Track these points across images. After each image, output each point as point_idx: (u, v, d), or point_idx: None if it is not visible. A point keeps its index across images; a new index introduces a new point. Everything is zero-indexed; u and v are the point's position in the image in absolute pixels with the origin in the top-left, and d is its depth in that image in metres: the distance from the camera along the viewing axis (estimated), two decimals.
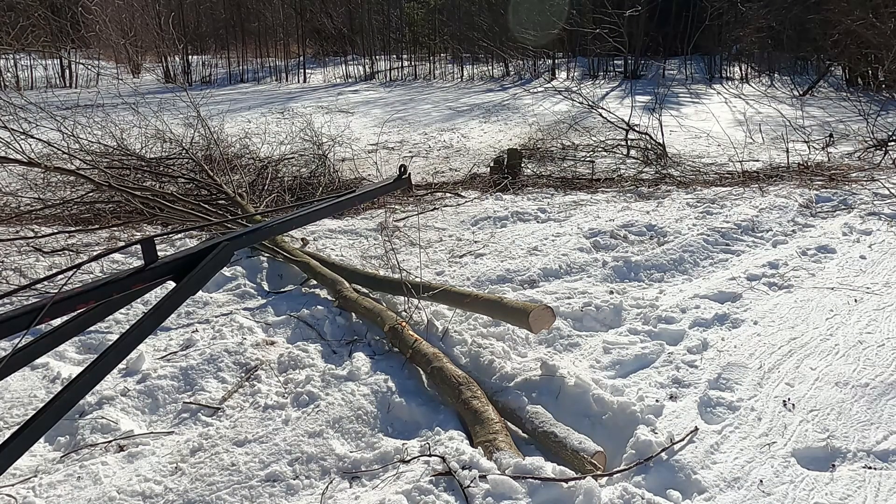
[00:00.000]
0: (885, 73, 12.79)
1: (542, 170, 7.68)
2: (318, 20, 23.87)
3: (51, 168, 4.54)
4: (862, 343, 3.35)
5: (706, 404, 2.87)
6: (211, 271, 2.12)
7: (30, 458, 2.66)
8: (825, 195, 6.16)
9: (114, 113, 7.69)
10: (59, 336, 1.85)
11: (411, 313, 3.73)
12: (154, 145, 7.03)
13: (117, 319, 3.75)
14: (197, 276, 2.07)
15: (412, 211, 6.05)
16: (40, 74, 17.62)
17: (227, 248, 2.18)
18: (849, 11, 12.28)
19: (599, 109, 9.30)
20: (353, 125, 10.87)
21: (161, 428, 2.88)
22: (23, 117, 5.55)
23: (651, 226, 5.31)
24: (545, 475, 2.33)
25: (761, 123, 10.44)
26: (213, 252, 2.12)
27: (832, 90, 14.46)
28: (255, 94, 16.17)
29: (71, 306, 1.80)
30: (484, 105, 13.65)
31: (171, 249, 4.87)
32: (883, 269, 4.37)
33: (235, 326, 3.67)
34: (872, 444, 2.60)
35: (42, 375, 3.18)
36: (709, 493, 2.35)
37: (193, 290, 2.09)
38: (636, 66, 17.63)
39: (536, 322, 3.16)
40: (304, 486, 2.47)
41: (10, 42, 12.34)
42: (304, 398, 2.96)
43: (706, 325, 3.62)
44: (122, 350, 1.94)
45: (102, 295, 1.86)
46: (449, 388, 2.92)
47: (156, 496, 2.41)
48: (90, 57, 19.27)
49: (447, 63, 20.70)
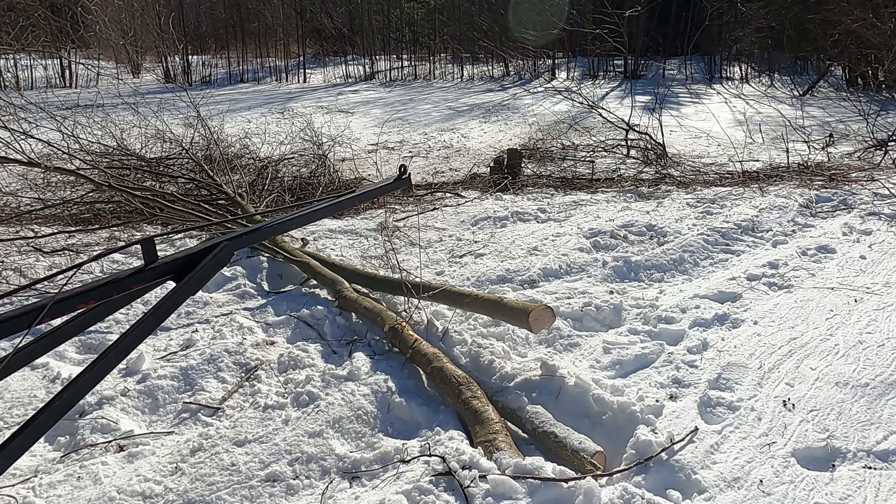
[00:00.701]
0: (885, 73, 12.79)
1: (542, 170, 7.68)
2: (318, 20, 23.87)
3: (51, 168, 4.54)
4: (862, 343, 3.35)
5: (706, 404, 2.87)
6: (211, 271, 2.12)
7: (30, 458, 2.66)
8: (825, 195, 6.16)
9: (114, 113, 7.69)
10: (59, 336, 1.85)
11: (411, 313, 3.73)
12: (154, 145, 7.03)
13: (117, 319, 3.75)
14: (197, 277, 2.06)
15: (412, 211, 6.05)
16: (40, 74, 17.62)
17: (227, 248, 2.18)
18: (849, 11, 12.28)
19: (599, 109, 9.30)
20: (353, 125, 10.87)
21: (161, 428, 2.88)
22: (23, 117, 5.56)
23: (651, 226, 5.31)
24: (545, 475, 2.33)
25: (761, 123, 10.44)
26: (213, 252, 2.12)
27: (832, 90, 14.46)
28: (255, 94, 16.17)
29: (71, 306, 1.80)
30: (484, 105, 13.64)
31: (171, 249, 4.87)
32: (883, 269, 4.37)
33: (235, 326, 3.67)
34: (872, 444, 2.60)
35: (42, 375, 3.18)
36: (709, 493, 2.35)
37: (193, 290, 2.09)
38: (636, 66, 17.62)
39: (536, 322, 3.16)
40: (304, 486, 2.47)
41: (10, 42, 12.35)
42: (304, 398, 2.96)
43: (706, 325, 3.62)
44: (122, 350, 1.94)
45: (102, 295, 1.86)
46: (449, 388, 2.92)
47: (156, 496, 2.41)
48: (90, 57, 19.27)
49: (447, 63, 20.70)
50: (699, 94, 14.75)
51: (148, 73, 19.27)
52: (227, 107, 12.10)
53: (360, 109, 13.37)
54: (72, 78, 17.99)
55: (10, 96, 6.44)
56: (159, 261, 2.01)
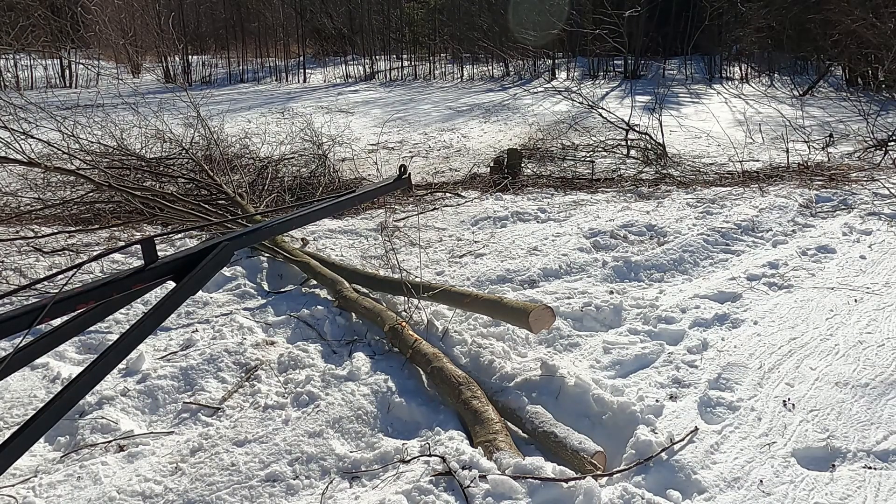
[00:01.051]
0: (885, 73, 12.79)
1: (542, 170, 7.68)
2: (318, 20, 23.88)
3: (51, 168, 4.54)
4: (862, 343, 3.35)
5: (706, 404, 2.87)
6: (211, 271, 2.12)
7: (30, 458, 2.66)
8: (825, 195, 6.16)
9: (114, 113, 7.69)
10: (59, 336, 1.85)
11: (411, 313, 3.73)
12: (154, 145, 7.03)
13: (117, 319, 3.75)
14: (197, 276, 2.06)
15: (412, 211, 6.05)
16: (40, 74, 17.62)
17: (227, 248, 2.18)
18: (849, 11, 12.27)
19: (599, 109, 9.30)
20: (353, 125, 10.87)
21: (161, 428, 2.88)
22: (23, 117, 5.55)
23: (651, 226, 5.31)
24: (545, 475, 2.33)
25: (761, 123, 10.44)
26: (213, 252, 2.12)
27: (832, 90, 14.47)
28: (255, 94, 16.17)
29: (71, 306, 1.80)
30: (484, 105, 13.64)
31: (171, 249, 4.87)
32: (883, 269, 4.37)
33: (235, 326, 3.67)
34: (872, 444, 2.60)
35: (42, 375, 3.18)
36: (709, 493, 2.35)
37: (193, 290, 2.09)
38: (636, 66, 17.62)
39: (536, 322, 3.16)
40: (304, 486, 2.47)
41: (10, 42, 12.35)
42: (304, 398, 2.96)
43: (706, 325, 3.62)
44: (122, 350, 1.94)
45: (102, 295, 1.86)
46: (449, 388, 2.92)
47: (156, 496, 2.41)
48: (90, 57, 19.28)
49: (447, 63, 20.70)
50: (699, 94, 14.75)
51: (148, 73, 19.28)
52: (227, 107, 12.10)
53: (360, 109, 13.37)
54: (72, 78, 17.99)
55: (10, 96, 6.44)
56: (159, 261, 2.01)
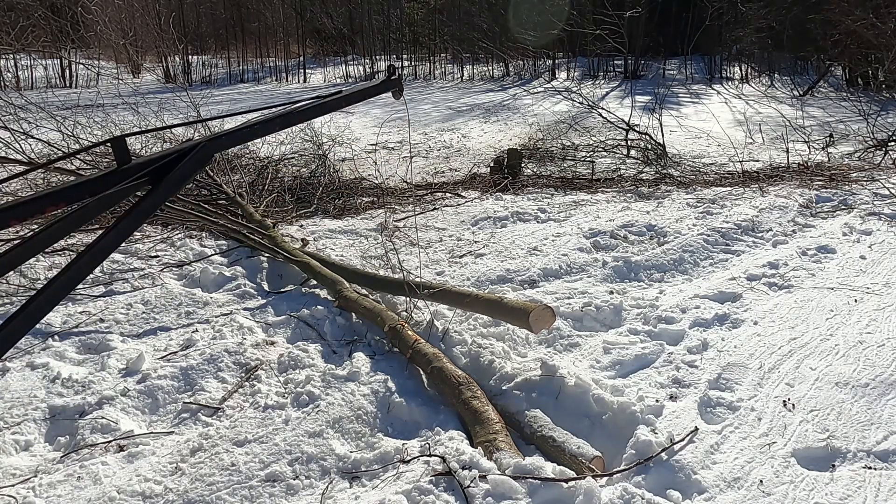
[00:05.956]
0: (886, 73, 12.79)
1: (542, 170, 7.67)
2: (318, 20, 23.87)
3: (51, 168, 4.53)
4: (862, 343, 3.35)
5: (706, 404, 2.87)
6: (189, 172, 2.01)
7: (30, 458, 2.66)
8: (825, 195, 6.16)
9: (114, 113, 7.69)
10: (34, 244, 1.74)
11: (411, 313, 3.73)
12: (154, 145, 7.03)
13: (117, 319, 3.76)
14: (175, 177, 1.94)
15: (412, 211, 6.05)
16: (40, 74, 17.61)
17: (207, 148, 2.09)
18: (849, 11, 12.28)
19: (599, 109, 9.30)
20: (353, 125, 10.87)
21: (161, 428, 2.88)
22: (23, 117, 5.56)
23: (651, 226, 5.31)
24: (545, 475, 2.33)
25: (761, 123, 10.44)
26: (192, 152, 2.01)
27: (832, 90, 14.46)
28: (255, 94, 16.17)
29: (40, 208, 1.70)
30: (484, 105, 13.64)
31: (172, 250, 4.87)
32: (883, 269, 4.37)
33: (235, 326, 3.67)
34: (872, 445, 2.60)
35: (42, 375, 3.18)
36: (709, 494, 2.35)
37: (172, 190, 1.99)
38: (636, 66, 17.62)
39: (537, 322, 3.16)
40: (304, 486, 2.47)
41: (10, 42, 12.35)
42: (304, 398, 2.96)
43: (706, 326, 3.62)
44: (99, 253, 1.85)
45: (72, 198, 1.75)
46: (449, 388, 2.92)
47: (156, 496, 2.41)
48: (90, 57, 19.28)
49: (447, 63, 20.70)
50: (699, 94, 14.75)
51: (148, 73, 19.29)
52: (227, 107, 12.06)
53: (360, 109, 13.36)
54: (72, 78, 17.98)
55: (10, 96, 6.44)
56: (133, 161, 1.87)
